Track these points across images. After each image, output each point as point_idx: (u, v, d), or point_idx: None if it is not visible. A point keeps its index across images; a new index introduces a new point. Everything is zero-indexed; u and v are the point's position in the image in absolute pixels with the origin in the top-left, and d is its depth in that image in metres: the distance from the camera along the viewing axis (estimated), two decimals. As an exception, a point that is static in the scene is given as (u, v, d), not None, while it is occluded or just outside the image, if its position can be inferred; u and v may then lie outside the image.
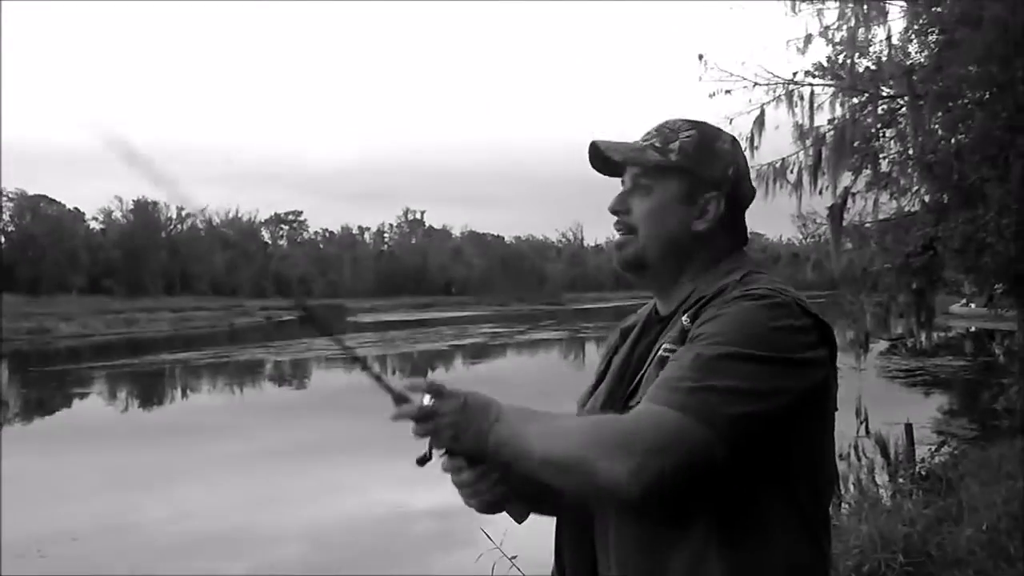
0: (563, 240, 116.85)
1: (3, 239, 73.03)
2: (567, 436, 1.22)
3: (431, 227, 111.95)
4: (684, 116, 1.50)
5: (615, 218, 1.48)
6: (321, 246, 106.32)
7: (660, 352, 1.34)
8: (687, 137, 1.44)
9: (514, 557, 4.00)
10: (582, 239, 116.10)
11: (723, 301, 1.31)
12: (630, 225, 1.45)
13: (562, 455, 1.20)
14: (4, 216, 73.44)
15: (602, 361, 1.56)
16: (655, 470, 1.16)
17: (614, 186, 1.53)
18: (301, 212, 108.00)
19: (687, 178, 1.43)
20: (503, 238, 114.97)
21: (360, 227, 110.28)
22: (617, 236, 1.47)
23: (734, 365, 1.21)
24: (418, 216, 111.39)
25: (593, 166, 1.51)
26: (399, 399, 1.28)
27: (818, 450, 1.35)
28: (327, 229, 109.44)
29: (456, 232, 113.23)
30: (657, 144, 1.44)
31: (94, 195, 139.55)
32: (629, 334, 1.54)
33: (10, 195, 72.74)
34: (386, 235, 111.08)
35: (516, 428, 1.25)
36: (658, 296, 1.49)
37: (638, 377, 1.38)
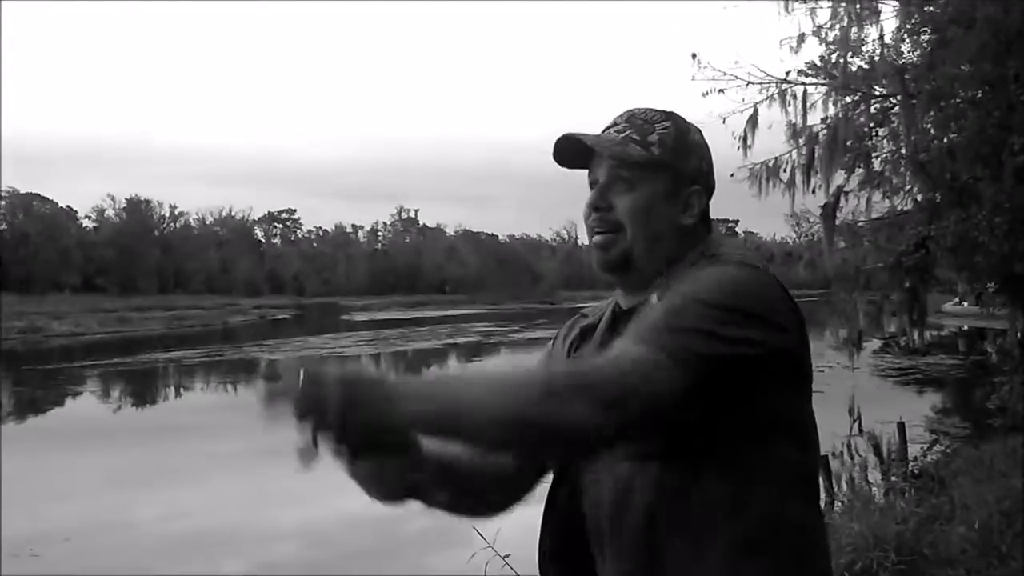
0: (557, 239, 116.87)
1: (-4, 238, 72.73)
2: (520, 388, 1.13)
3: (425, 226, 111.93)
4: (651, 105, 1.46)
5: (594, 214, 1.41)
6: (315, 244, 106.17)
7: None
8: (664, 130, 1.40)
9: (507, 556, 4.01)
10: (576, 238, 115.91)
11: (695, 268, 1.33)
12: (614, 222, 1.39)
13: (520, 410, 1.11)
14: (-3, 215, 73.18)
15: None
16: (626, 411, 1.13)
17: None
18: (295, 211, 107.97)
19: (670, 173, 1.40)
20: (497, 237, 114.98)
21: (354, 225, 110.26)
22: (596, 235, 1.41)
23: (706, 310, 1.21)
24: (412, 215, 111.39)
25: (559, 159, 1.43)
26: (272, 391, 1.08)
27: (802, 423, 1.34)
28: (320, 227, 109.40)
29: (450, 231, 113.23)
30: (635, 137, 1.39)
31: (87, 193, 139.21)
32: (592, 332, 1.49)
33: (3, 193, 72.51)
34: (380, 233, 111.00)
35: (433, 400, 1.10)
36: (628, 293, 1.44)
37: None
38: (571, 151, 1.42)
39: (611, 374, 1.15)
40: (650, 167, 1.38)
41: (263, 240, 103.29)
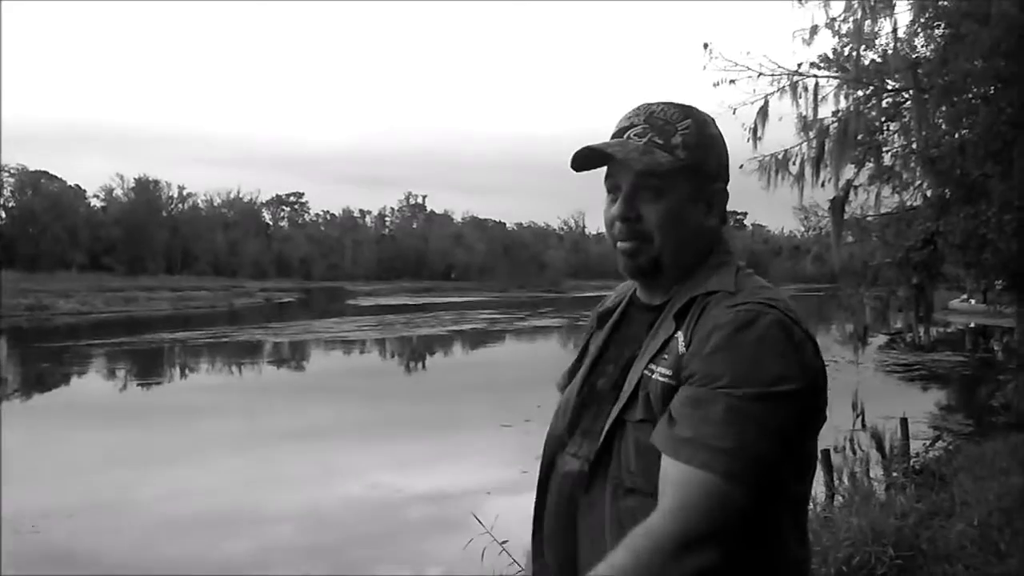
0: (565, 228, 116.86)
1: (3, 214, 73.02)
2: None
3: (432, 212, 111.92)
4: (665, 100, 1.41)
5: (620, 224, 1.37)
6: (322, 228, 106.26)
7: (656, 377, 1.29)
8: (686, 129, 1.36)
9: (504, 542, 4.03)
10: (584, 227, 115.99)
11: (718, 326, 1.25)
12: (643, 232, 1.36)
13: None
14: (5, 191, 73.39)
15: (582, 347, 1.54)
16: (720, 542, 1.17)
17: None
18: (302, 194, 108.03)
19: (695, 175, 1.36)
20: (504, 224, 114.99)
21: (361, 210, 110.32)
22: (623, 243, 1.37)
23: (750, 408, 1.19)
24: (420, 201, 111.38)
25: (579, 165, 1.39)
26: None
27: (808, 455, 1.33)
28: (328, 211, 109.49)
29: (457, 217, 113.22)
30: (658, 140, 1.35)
31: (95, 172, 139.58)
32: (606, 319, 1.50)
33: (11, 171, 72.65)
34: (387, 219, 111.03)
35: None
36: (651, 291, 1.42)
37: (631, 385, 1.33)
38: (588, 156, 1.38)
39: (695, 521, 1.18)
40: (677, 172, 1.34)
41: (270, 223, 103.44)
